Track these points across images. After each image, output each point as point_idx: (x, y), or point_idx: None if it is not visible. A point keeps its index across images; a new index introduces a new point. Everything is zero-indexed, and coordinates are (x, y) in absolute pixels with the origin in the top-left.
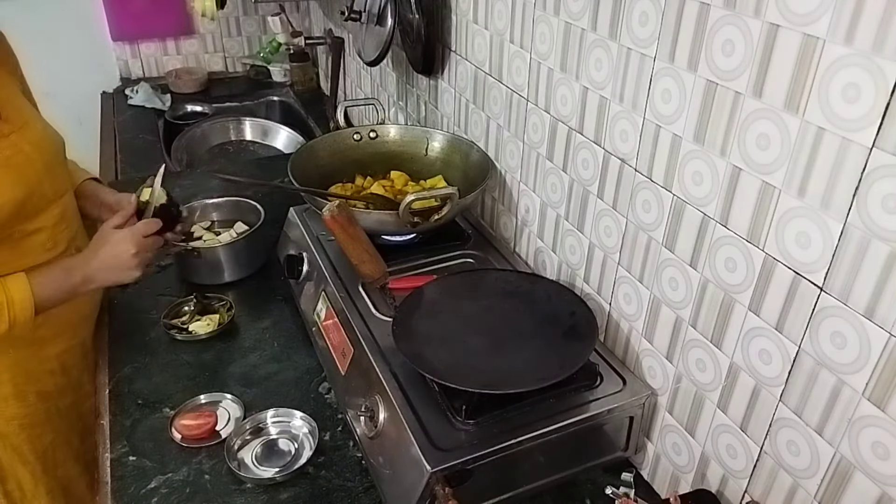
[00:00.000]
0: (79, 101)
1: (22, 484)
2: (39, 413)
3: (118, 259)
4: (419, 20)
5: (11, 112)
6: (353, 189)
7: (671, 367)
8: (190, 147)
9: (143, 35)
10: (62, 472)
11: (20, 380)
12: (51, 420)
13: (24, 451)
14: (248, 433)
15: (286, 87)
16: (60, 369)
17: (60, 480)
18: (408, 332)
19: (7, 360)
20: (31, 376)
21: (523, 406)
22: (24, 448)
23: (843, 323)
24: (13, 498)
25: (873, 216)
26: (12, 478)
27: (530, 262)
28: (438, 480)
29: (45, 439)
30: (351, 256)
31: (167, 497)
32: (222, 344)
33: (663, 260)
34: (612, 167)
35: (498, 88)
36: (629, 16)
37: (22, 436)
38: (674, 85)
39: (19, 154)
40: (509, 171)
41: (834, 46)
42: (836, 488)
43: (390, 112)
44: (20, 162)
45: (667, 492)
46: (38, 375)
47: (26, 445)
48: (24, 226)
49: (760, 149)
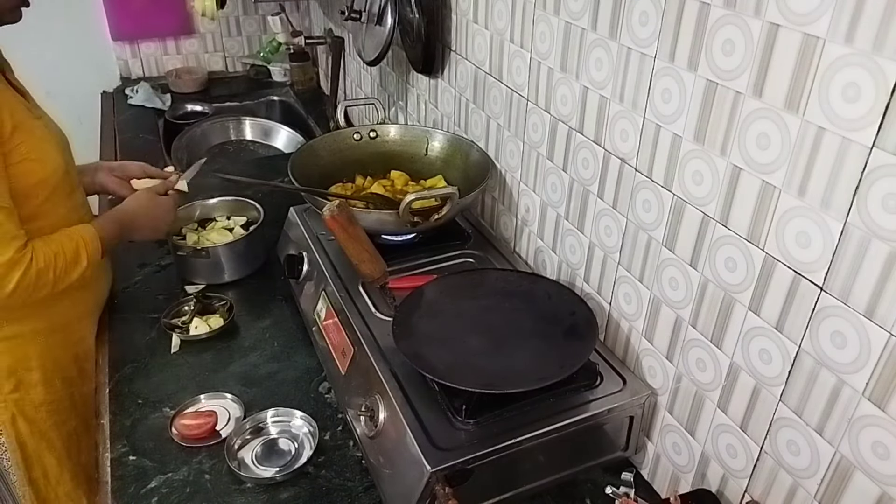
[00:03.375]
0: (79, 101)
1: (47, 470)
2: (64, 399)
3: (160, 222)
4: (419, 20)
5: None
6: (353, 189)
7: (671, 367)
8: (190, 147)
9: (143, 35)
10: (85, 457)
11: (48, 366)
12: (75, 406)
13: (52, 437)
14: (249, 433)
15: (286, 87)
16: (84, 355)
17: (84, 466)
18: (408, 332)
19: (36, 348)
20: (58, 363)
21: (523, 406)
22: (52, 434)
23: (843, 322)
24: (38, 485)
25: (873, 216)
26: (38, 465)
27: (530, 261)
28: (438, 480)
29: (70, 425)
30: (351, 256)
31: (167, 497)
32: (222, 344)
33: (663, 259)
34: (613, 167)
35: (498, 88)
36: (629, 15)
37: (49, 422)
38: (674, 84)
39: (51, 134)
40: (509, 171)
41: (834, 46)
42: (836, 488)
43: (390, 112)
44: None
45: (667, 491)
46: (63, 362)
47: (53, 431)
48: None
49: (761, 148)
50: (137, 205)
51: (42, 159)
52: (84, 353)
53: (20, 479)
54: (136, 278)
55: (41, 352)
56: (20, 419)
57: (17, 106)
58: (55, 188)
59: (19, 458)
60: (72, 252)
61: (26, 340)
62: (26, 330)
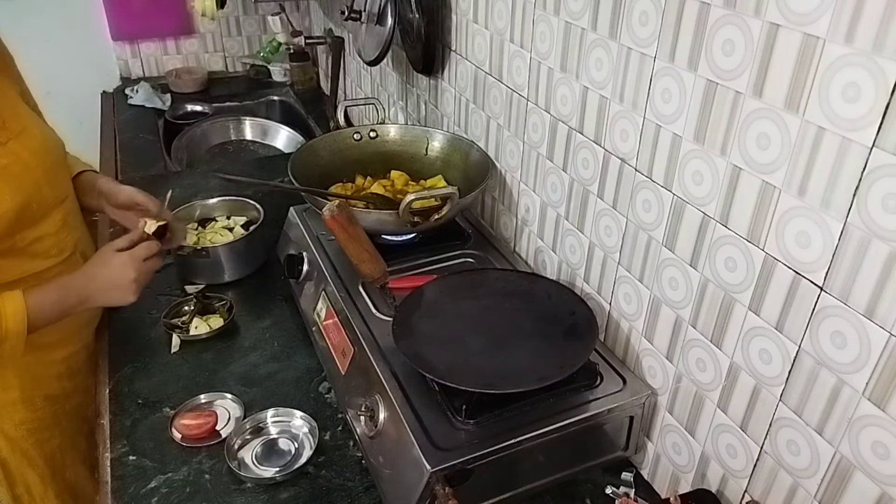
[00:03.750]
0: (79, 101)
1: (31, 488)
2: (47, 417)
3: (118, 283)
4: (419, 20)
5: (10, 118)
6: (353, 189)
7: (671, 367)
8: (190, 147)
9: (143, 35)
10: (70, 474)
11: (28, 384)
12: (58, 423)
13: (33, 455)
14: (249, 433)
15: (286, 87)
16: (67, 373)
17: (69, 483)
18: (408, 332)
19: (14, 366)
20: (39, 381)
21: (523, 406)
22: (33, 452)
23: (843, 322)
24: (22, 502)
25: (873, 216)
26: (21, 482)
27: (530, 261)
28: (438, 480)
29: (53, 443)
30: (351, 256)
31: (167, 497)
32: (222, 344)
33: (663, 259)
34: (613, 167)
35: (498, 88)
36: (629, 15)
37: (30, 440)
38: (674, 84)
39: (17, 163)
40: (509, 171)
41: (834, 46)
42: (836, 488)
43: (390, 112)
44: (18, 171)
45: (667, 491)
46: (45, 380)
47: (35, 450)
48: (25, 233)
49: (761, 148)
50: (90, 269)
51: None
52: (68, 371)
53: (3, 496)
54: None
55: (20, 370)
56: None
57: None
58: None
59: (1, 476)
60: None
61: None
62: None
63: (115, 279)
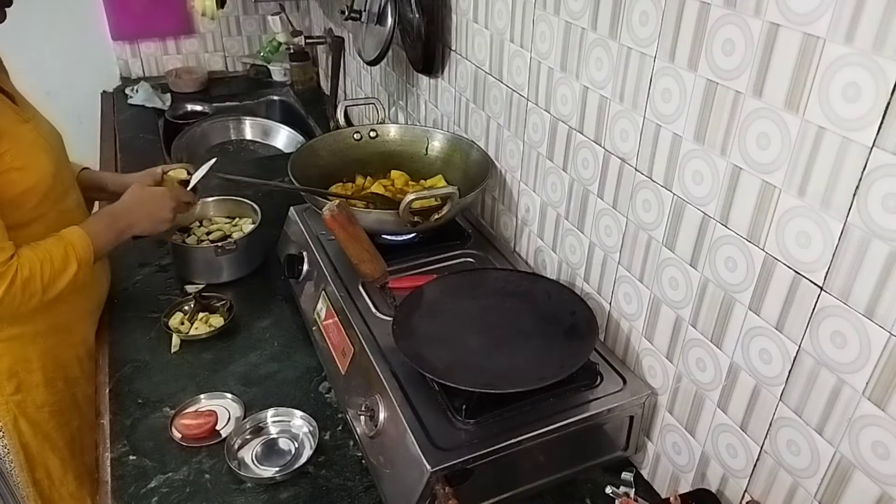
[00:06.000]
0: (79, 101)
1: (51, 471)
2: (67, 399)
3: (159, 210)
4: (419, 19)
5: (23, 105)
6: (353, 188)
7: (671, 367)
8: (190, 146)
9: (143, 34)
10: (89, 457)
11: (50, 367)
12: (77, 406)
13: (55, 438)
14: (249, 432)
15: (286, 87)
16: (86, 355)
17: (87, 466)
18: (408, 332)
19: (37, 349)
20: (60, 363)
21: (523, 405)
22: (54, 435)
23: (843, 322)
24: (41, 486)
25: (873, 215)
26: (41, 466)
27: (530, 261)
28: (438, 480)
29: (73, 425)
30: (351, 256)
31: (167, 496)
32: (222, 344)
33: (663, 259)
34: (613, 166)
35: (498, 88)
36: (629, 15)
37: (52, 423)
38: (674, 84)
39: (41, 137)
40: (509, 171)
41: (834, 46)
42: (837, 488)
43: (390, 111)
44: (45, 145)
45: (667, 491)
46: (65, 362)
47: (56, 432)
48: (57, 202)
49: (761, 148)
50: (130, 199)
51: (29, 167)
52: (87, 353)
53: (24, 481)
54: (136, 278)
55: (42, 352)
56: (22, 421)
57: (5, 111)
58: (45, 194)
59: (22, 460)
60: (60, 258)
61: (27, 342)
62: (27, 331)
63: (157, 207)
